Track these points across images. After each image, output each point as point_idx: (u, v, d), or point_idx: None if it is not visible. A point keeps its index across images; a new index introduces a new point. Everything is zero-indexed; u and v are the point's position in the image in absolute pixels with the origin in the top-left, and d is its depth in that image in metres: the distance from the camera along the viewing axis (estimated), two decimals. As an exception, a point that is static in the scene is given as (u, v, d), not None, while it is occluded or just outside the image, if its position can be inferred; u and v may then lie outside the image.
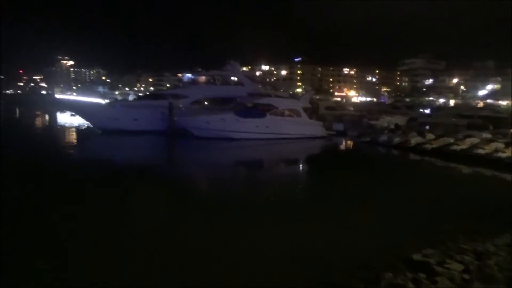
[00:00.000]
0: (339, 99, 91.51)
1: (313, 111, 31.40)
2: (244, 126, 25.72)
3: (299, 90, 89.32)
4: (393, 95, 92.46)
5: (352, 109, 42.99)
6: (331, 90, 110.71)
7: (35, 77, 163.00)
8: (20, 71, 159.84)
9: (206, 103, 31.53)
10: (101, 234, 8.22)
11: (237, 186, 14.00)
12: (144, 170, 16.08)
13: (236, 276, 6.58)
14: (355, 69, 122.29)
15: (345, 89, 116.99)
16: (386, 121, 33.13)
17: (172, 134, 26.34)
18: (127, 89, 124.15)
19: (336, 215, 10.05)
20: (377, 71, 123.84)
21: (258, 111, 26.67)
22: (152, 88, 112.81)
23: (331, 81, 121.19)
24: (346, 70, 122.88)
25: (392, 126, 29.14)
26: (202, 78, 35.38)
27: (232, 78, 33.55)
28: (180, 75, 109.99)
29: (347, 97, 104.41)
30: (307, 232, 8.64)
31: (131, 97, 66.15)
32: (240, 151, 23.50)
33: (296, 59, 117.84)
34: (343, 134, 29.86)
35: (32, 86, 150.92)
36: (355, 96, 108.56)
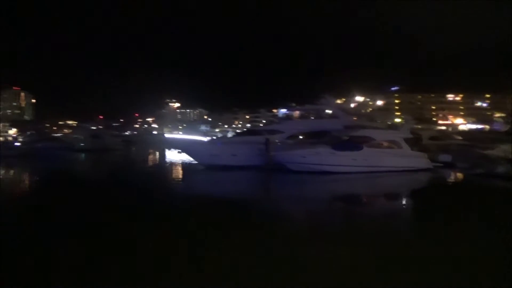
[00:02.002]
0: (444, 127, 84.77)
1: (415, 142, 29.59)
2: (341, 159, 25.24)
3: (397, 120, 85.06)
4: (509, 121, 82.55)
5: (460, 138, 39.44)
6: (434, 119, 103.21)
7: (147, 119, 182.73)
8: (136, 115, 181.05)
9: (301, 137, 31.88)
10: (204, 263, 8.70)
11: (336, 222, 13.61)
12: (243, 204, 16.68)
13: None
14: (461, 95, 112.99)
15: (450, 116, 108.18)
16: (502, 150, 29.53)
17: (269, 168, 26.95)
18: (226, 126, 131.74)
19: (449, 259, 9.01)
20: (487, 96, 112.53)
21: (355, 144, 26.03)
22: (248, 125, 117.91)
23: (433, 109, 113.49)
24: (450, 97, 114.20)
25: (511, 156, 25.85)
26: (296, 113, 36.09)
27: (326, 111, 33.60)
28: (275, 111, 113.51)
29: (453, 125, 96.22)
30: (417, 277, 7.97)
31: (229, 134, 70.05)
32: (337, 185, 23.02)
33: (393, 88, 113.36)
34: (451, 166, 27.38)
35: (145, 127, 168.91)
36: (462, 124, 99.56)
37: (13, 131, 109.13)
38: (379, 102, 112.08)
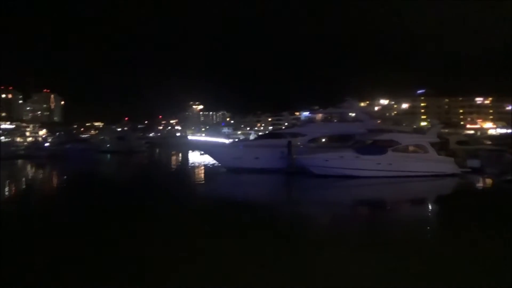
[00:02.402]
0: (472, 132, 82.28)
1: (441, 146, 28.78)
2: (364, 163, 24.81)
3: (423, 123, 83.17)
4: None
5: (489, 142, 38.11)
6: (461, 123, 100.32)
7: (171, 121, 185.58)
8: (160, 117, 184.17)
9: (323, 140, 31.56)
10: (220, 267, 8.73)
11: (358, 228, 13.33)
12: (264, 208, 16.67)
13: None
14: (490, 98, 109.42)
15: (479, 120, 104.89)
16: (535, 156, 28.36)
17: (291, 172, 26.77)
18: (248, 129, 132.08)
19: (479, 273, 8.55)
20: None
21: (379, 148, 25.53)
22: (271, 127, 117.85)
23: (461, 113, 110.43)
24: (479, 100, 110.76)
25: (544, 162, 24.78)
26: (319, 116, 35.72)
27: (350, 114, 33.13)
28: (297, 113, 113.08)
29: (482, 129, 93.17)
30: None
31: (252, 137, 70.19)
32: (361, 190, 22.61)
33: (419, 91, 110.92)
34: (479, 171, 26.43)
35: (169, 129, 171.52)
36: (492, 128, 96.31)
37: (42, 132, 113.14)
38: (404, 105, 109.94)
